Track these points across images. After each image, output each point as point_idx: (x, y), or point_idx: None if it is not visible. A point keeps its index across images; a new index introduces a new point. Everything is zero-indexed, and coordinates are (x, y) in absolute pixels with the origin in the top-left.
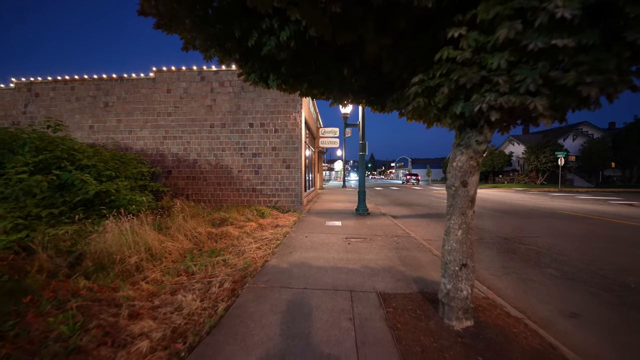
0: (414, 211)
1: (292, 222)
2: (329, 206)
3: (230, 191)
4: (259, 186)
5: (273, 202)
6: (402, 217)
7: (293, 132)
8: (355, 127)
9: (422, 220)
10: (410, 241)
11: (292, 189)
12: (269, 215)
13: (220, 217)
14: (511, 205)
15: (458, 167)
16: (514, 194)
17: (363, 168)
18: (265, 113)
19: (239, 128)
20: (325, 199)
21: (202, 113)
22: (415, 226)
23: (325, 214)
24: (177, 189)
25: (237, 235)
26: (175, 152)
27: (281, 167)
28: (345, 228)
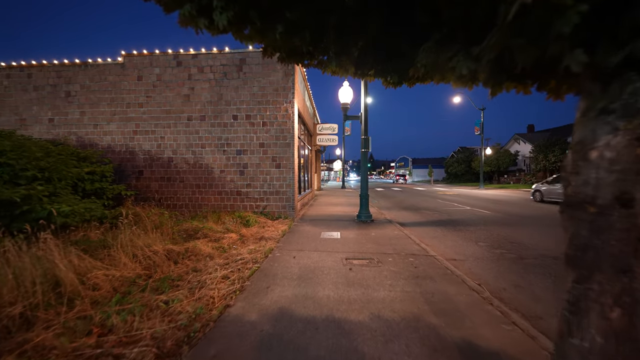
0: (423, 217)
1: (281, 233)
2: (327, 211)
3: (211, 194)
4: (245, 189)
5: (261, 208)
6: (412, 224)
7: (284, 126)
8: (356, 119)
9: (437, 230)
10: (431, 263)
11: (283, 192)
12: (255, 223)
13: (192, 227)
14: (535, 209)
15: (607, 161)
16: (527, 195)
17: (365, 167)
18: (251, 103)
19: (221, 121)
20: (323, 201)
21: (179, 104)
22: (431, 238)
23: (322, 221)
24: (149, 192)
25: (208, 254)
26: (148, 149)
27: (270, 166)
28: (345, 242)
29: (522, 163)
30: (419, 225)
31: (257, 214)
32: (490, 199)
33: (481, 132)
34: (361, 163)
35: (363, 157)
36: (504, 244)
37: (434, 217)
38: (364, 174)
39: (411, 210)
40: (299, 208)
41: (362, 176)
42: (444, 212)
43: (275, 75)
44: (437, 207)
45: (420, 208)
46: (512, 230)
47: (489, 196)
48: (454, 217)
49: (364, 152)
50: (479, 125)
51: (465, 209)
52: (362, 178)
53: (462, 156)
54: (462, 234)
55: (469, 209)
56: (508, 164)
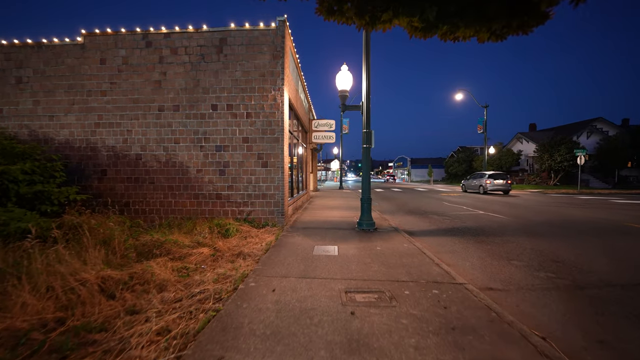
0: (433, 223)
1: (265, 246)
2: (323, 216)
3: (187, 198)
4: (226, 191)
5: (244, 214)
6: (422, 234)
7: (272, 118)
8: (356, 110)
9: (454, 242)
10: (465, 299)
11: (270, 195)
12: (236, 233)
13: (152, 241)
14: (557, 215)
15: None
16: (537, 197)
17: (368, 166)
18: (233, 91)
19: (198, 112)
20: (319, 204)
21: (148, 91)
22: (449, 253)
23: (316, 229)
24: (113, 195)
25: (161, 281)
26: (112, 144)
27: (256, 165)
28: (344, 262)
29: (524, 163)
30: (430, 235)
31: (239, 222)
32: (498, 201)
33: (484, 131)
34: (362, 161)
35: (365, 154)
36: (546, 264)
37: (446, 224)
38: (365, 174)
39: (417, 215)
40: (290, 213)
41: (364, 176)
42: (455, 218)
43: (261, 57)
44: (445, 211)
45: (426, 212)
46: (543, 242)
47: (497, 198)
48: (468, 224)
49: (366, 148)
50: (481, 123)
51: (477, 213)
52: (364, 179)
53: (462, 156)
54: (487, 248)
55: (482, 213)
56: (511, 163)
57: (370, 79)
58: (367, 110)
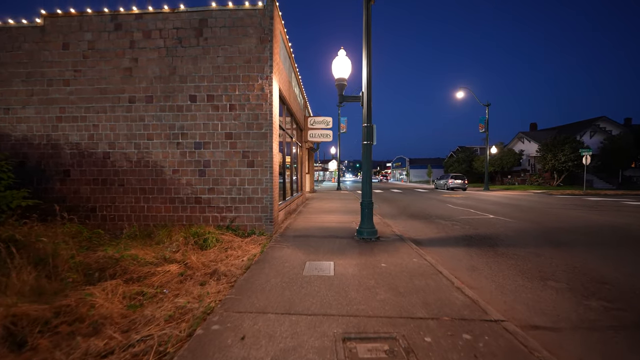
0: (441, 230)
1: (246, 263)
2: (318, 221)
3: (161, 202)
4: (206, 194)
5: (228, 220)
6: (431, 243)
7: (259, 110)
8: (356, 101)
9: (471, 254)
10: (514, 352)
11: (257, 199)
12: (215, 243)
13: (105, 258)
14: (574, 219)
15: None
16: (543, 199)
17: (369, 165)
18: (215, 80)
19: (175, 103)
20: (315, 207)
21: (118, 80)
22: (469, 271)
23: (310, 239)
24: (78, 199)
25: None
26: (76, 141)
27: (240, 164)
28: (341, 288)
29: (526, 163)
30: (441, 245)
31: (221, 230)
32: (505, 203)
33: (486, 130)
34: (363, 159)
35: (365, 151)
36: (591, 286)
37: (456, 231)
38: (366, 174)
39: (422, 220)
40: (282, 218)
41: (365, 177)
42: (464, 223)
43: (246, 41)
44: (452, 215)
45: (431, 216)
46: (575, 255)
47: (503, 199)
48: (481, 231)
49: (367, 144)
50: (483, 122)
51: (487, 217)
52: (365, 179)
53: (462, 156)
54: (511, 263)
55: (492, 217)
56: (512, 163)
57: (372, 67)
58: (367, 102)
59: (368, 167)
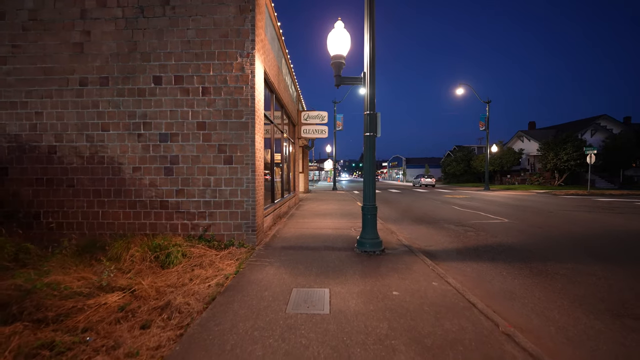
0: (454, 238)
1: (213, 290)
2: (312, 227)
3: (120, 207)
4: (174, 197)
5: (200, 228)
6: (447, 256)
7: (239, 95)
8: (356, 84)
9: (500, 272)
10: None
11: (237, 202)
12: (181, 259)
13: (12, 288)
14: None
15: None
16: (550, 200)
17: (372, 162)
18: (184, 58)
19: (136, 86)
20: (309, 209)
21: (66, 58)
22: (510, 300)
23: (300, 252)
24: (17, 203)
25: None
26: (15, 132)
27: (216, 160)
28: (339, 336)
29: (525, 162)
30: (461, 259)
31: (192, 240)
32: (513, 204)
33: (486, 127)
34: (365, 155)
35: (368, 144)
36: None
37: (472, 239)
38: (369, 174)
39: (429, 225)
40: (269, 224)
41: (367, 177)
42: (479, 229)
43: (223, 10)
44: (460, 219)
45: (438, 220)
46: (632, 274)
47: (509, 200)
48: (501, 239)
49: (370, 136)
50: (484, 119)
51: (501, 221)
52: (367, 180)
53: (460, 155)
54: (559, 287)
55: (507, 221)
56: (512, 163)
57: (375, 42)
58: (370, 84)
59: (371, 165)
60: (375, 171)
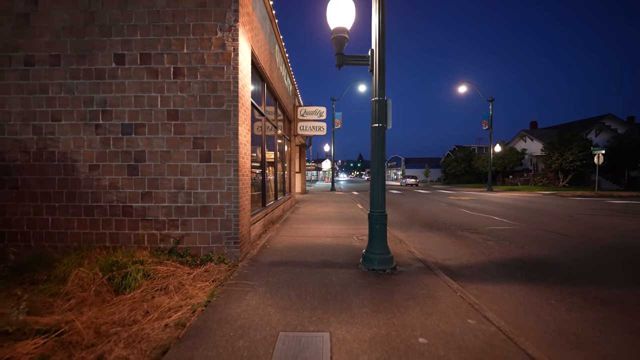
0: (474, 248)
1: (171, 333)
2: (308, 234)
3: (73, 214)
4: (140, 202)
5: (171, 240)
6: (472, 275)
7: (218, 77)
8: (362, 64)
9: (547, 299)
10: None
11: (216, 208)
12: (142, 281)
13: None
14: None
15: None
16: (560, 202)
17: (380, 159)
18: (153, 32)
19: (93, 67)
20: (306, 212)
21: (7, 32)
22: (577, 348)
23: (293, 271)
24: None
25: None
26: None
27: (191, 157)
28: None
29: (528, 162)
30: (490, 279)
31: (160, 255)
32: (524, 207)
33: (490, 127)
34: (372, 150)
35: (376, 138)
36: None
37: (494, 250)
38: (377, 174)
39: (440, 231)
40: (258, 232)
41: (375, 178)
42: (498, 237)
43: None
44: (473, 224)
45: (449, 225)
46: None
47: (517, 202)
48: (530, 251)
49: (378, 128)
50: (487, 118)
51: (520, 227)
52: (375, 181)
53: (461, 155)
54: (638, 325)
55: (526, 228)
56: (515, 163)
57: (385, 13)
58: (379, 63)
59: (380, 163)
60: (384, 169)
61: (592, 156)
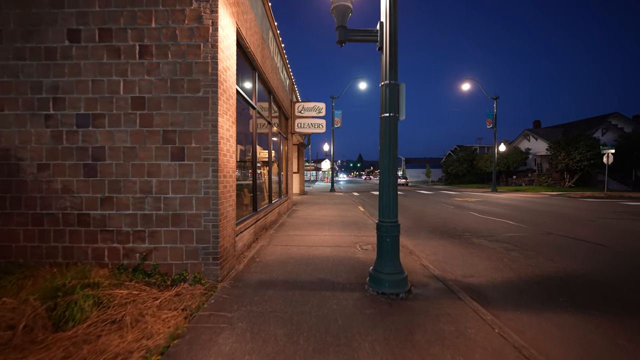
0: (496, 261)
1: None
2: (305, 243)
3: (19, 223)
4: (99, 209)
5: (137, 256)
6: (508, 301)
7: (194, 56)
8: (367, 40)
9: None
10: None
11: (191, 217)
12: (91, 311)
13: None
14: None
15: None
16: (572, 203)
17: (392, 156)
18: (114, 3)
19: (42, 45)
20: (303, 216)
21: None
22: None
23: (285, 292)
24: None
25: None
26: None
27: (160, 154)
28: None
29: (532, 162)
30: (531, 308)
31: (123, 274)
32: (537, 209)
33: (494, 125)
34: (382, 145)
35: (387, 129)
36: None
37: (523, 265)
38: (387, 173)
39: (453, 239)
40: (247, 242)
41: (384, 177)
42: (521, 246)
43: None
44: (489, 230)
45: (462, 231)
46: None
47: (528, 204)
48: (563, 265)
49: (389, 118)
50: (491, 117)
51: (543, 235)
52: (385, 182)
53: (463, 155)
54: None
55: (554, 235)
56: (518, 162)
57: None
58: (389, 39)
59: (390, 161)
60: (396, 169)
61: (600, 156)
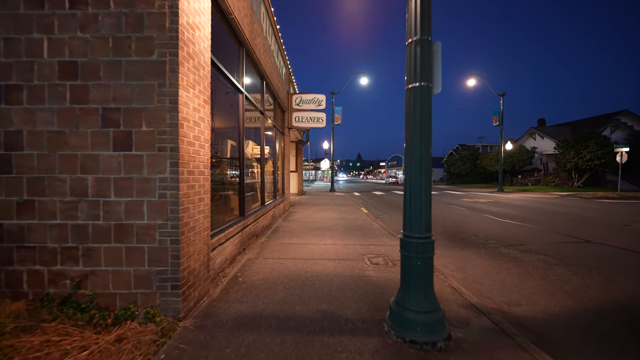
0: (542, 281)
1: None
2: (302, 256)
3: None
4: (15, 219)
5: (68, 283)
6: (574, 344)
7: (146, 7)
8: None
9: None
10: None
11: (142, 228)
12: None
13: None
14: None
15: None
16: (591, 205)
17: (424, 145)
18: None
19: None
20: (301, 219)
21: None
22: None
23: (272, 337)
24: None
25: None
26: None
27: (97, 142)
28: None
29: (537, 161)
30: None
31: (46, 308)
32: (556, 212)
33: (500, 123)
34: (408, 129)
35: (415, 104)
36: None
37: (572, 283)
38: (417, 169)
39: (478, 248)
40: (228, 256)
41: (412, 176)
42: (562, 259)
43: None
44: (515, 237)
45: (484, 238)
46: None
47: (542, 206)
48: (627, 285)
49: (420, 89)
50: (497, 114)
51: (580, 243)
52: (414, 182)
53: (465, 154)
54: None
55: (593, 245)
56: (524, 162)
57: None
58: None
59: (422, 151)
60: (430, 163)
61: (611, 154)
